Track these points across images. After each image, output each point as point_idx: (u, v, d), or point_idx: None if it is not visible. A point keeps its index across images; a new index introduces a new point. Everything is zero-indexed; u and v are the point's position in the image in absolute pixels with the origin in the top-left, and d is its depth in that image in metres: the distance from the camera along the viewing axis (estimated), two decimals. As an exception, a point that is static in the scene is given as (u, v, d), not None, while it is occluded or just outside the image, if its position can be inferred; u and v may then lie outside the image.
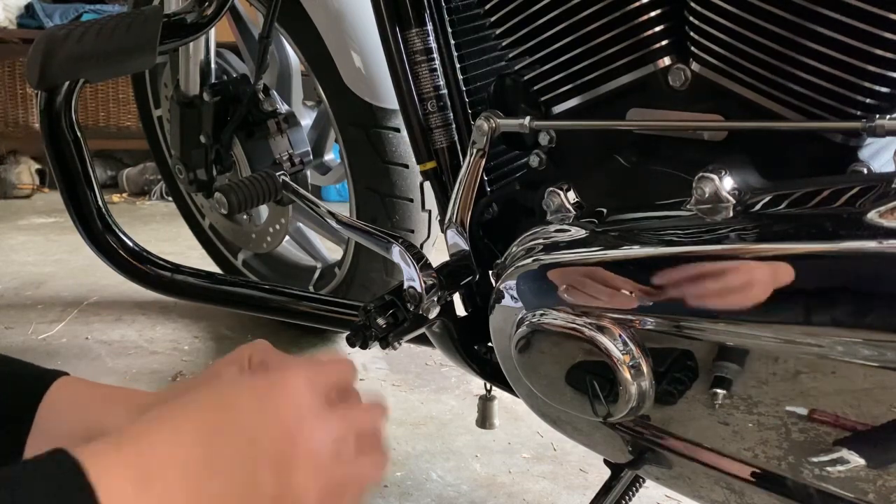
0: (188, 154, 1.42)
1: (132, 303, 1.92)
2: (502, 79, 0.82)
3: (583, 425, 0.76)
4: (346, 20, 1.32)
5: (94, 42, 0.92)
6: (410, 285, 0.83)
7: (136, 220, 2.77)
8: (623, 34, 0.69)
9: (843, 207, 0.57)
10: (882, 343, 0.52)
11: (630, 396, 0.66)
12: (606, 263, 0.66)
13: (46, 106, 0.93)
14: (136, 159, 3.31)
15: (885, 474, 0.56)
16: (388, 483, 1.23)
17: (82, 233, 0.99)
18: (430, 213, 1.41)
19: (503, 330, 0.75)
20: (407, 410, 1.45)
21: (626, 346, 0.65)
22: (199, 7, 1.01)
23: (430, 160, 0.89)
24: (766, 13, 0.60)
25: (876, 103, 0.60)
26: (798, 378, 0.58)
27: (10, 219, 2.79)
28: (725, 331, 0.60)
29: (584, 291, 0.67)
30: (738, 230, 0.61)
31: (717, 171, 0.62)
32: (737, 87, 0.66)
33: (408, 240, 0.89)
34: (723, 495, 0.68)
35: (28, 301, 1.94)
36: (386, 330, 0.82)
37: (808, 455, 0.59)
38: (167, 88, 1.57)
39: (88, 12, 3.18)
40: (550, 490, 1.22)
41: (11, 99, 3.25)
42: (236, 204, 1.08)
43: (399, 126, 1.33)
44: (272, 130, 1.38)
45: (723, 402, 0.62)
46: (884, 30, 0.56)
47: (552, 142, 0.80)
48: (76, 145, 0.95)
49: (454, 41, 0.87)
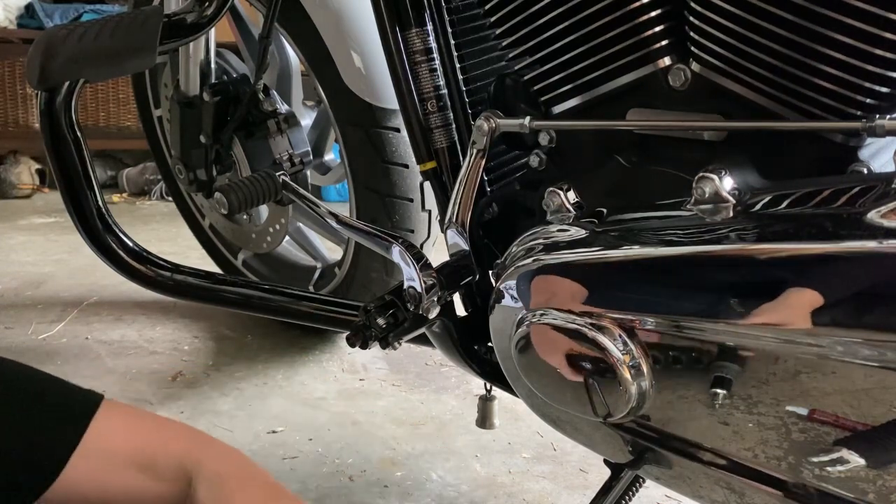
0: (188, 154, 1.42)
1: (132, 303, 1.92)
2: (502, 79, 0.82)
3: (583, 425, 0.76)
4: (346, 20, 1.32)
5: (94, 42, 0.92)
6: (410, 285, 0.83)
7: (136, 220, 2.78)
8: (623, 34, 0.69)
9: (843, 207, 0.57)
10: (882, 343, 0.52)
11: (630, 396, 0.66)
12: (606, 263, 0.66)
13: (46, 106, 0.93)
14: (136, 159, 3.31)
15: (885, 474, 0.56)
16: (388, 483, 1.23)
17: (82, 233, 0.99)
18: (430, 213, 1.41)
19: (503, 330, 0.75)
20: (407, 410, 1.45)
21: (626, 346, 0.65)
22: (199, 7, 1.01)
23: (430, 160, 0.89)
24: (767, 13, 0.60)
25: (876, 103, 0.60)
26: (798, 378, 0.58)
27: (10, 219, 2.79)
28: (725, 331, 0.60)
29: (584, 291, 0.67)
30: (738, 230, 0.61)
31: (717, 171, 0.62)
32: (737, 87, 0.66)
33: (408, 240, 0.89)
34: (723, 495, 0.68)
35: (28, 301, 1.94)
36: (386, 330, 0.82)
37: (809, 455, 0.59)
38: (167, 88, 1.57)
39: (88, 12, 3.18)
40: (550, 490, 1.22)
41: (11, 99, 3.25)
42: (236, 204, 1.08)
43: (399, 126, 1.33)
44: (272, 130, 1.38)
45: (723, 402, 0.62)
46: (884, 30, 0.56)
47: (552, 142, 0.80)
48: (76, 145, 0.95)
49: (454, 41, 0.87)
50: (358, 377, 1.58)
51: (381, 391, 1.53)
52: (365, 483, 1.23)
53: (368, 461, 1.29)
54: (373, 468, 1.27)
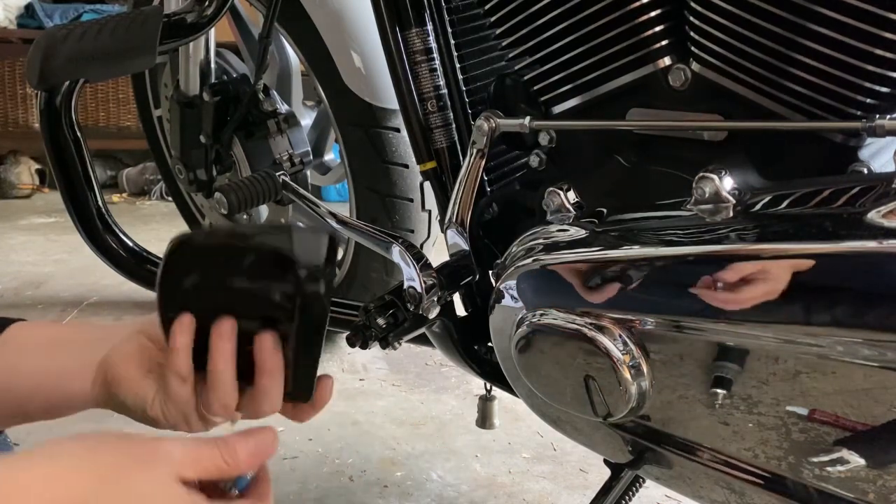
0: (188, 154, 1.42)
1: (132, 303, 1.92)
2: (502, 79, 0.82)
3: (583, 425, 0.76)
4: (346, 20, 1.32)
5: (94, 42, 0.92)
6: (410, 285, 0.83)
7: (136, 220, 2.77)
8: (623, 34, 0.69)
9: (843, 207, 0.57)
10: (882, 343, 0.52)
11: (630, 396, 0.66)
12: (606, 263, 0.66)
13: (46, 106, 0.93)
14: (136, 159, 3.31)
15: (885, 474, 0.56)
16: (388, 483, 1.23)
17: (82, 233, 0.99)
18: (430, 213, 1.41)
19: (503, 330, 0.75)
20: (407, 410, 1.45)
21: (626, 346, 0.65)
22: (199, 7, 1.01)
23: (430, 160, 0.89)
24: (767, 13, 0.60)
25: (876, 103, 0.60)
26: (798, 378, 0.58)
27: (10, 219, 2.79)
28: (725, 331, 0.60)
29: (584, 291, 0.67)
30: (738, 230, 0.61)
31: (717, 171, 0.62)
32: (737, 87, 0.66)
33: (408, 240, 0.89)
34: (723, 495, 0.68)
35: (28, 301, 1.94)
36: (386, 330, 0.82)
37: (809, 455, 0.59)
38: (167, 88, 1.57)
39: (88, 12, 3.18)
40: (550, 490, 1.22)
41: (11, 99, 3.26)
42: (236, 204, 1.08)
43: (399, 126, 1.33)
44: (272, 130, 1.38)
45: (723, 402, 0.62)
46: (884, 30, 0.56)
47: (552, 142, 0.80)
48: (76, 145, 0.95)
49: (454, 41, 0.87)
50: (358, 377, 1.58)
51: (381, 391, 1.53)
52: (365, 483, 1.23)
53: (368, 461, 1.29)
54: (373, 468, 1.27)
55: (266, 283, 0.56)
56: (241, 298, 0.57)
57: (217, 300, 0.57)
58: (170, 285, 0.57)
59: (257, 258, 0.56)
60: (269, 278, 0.56)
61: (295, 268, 0.55)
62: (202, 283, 0.57)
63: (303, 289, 0.56)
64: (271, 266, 0.56)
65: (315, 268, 0.56)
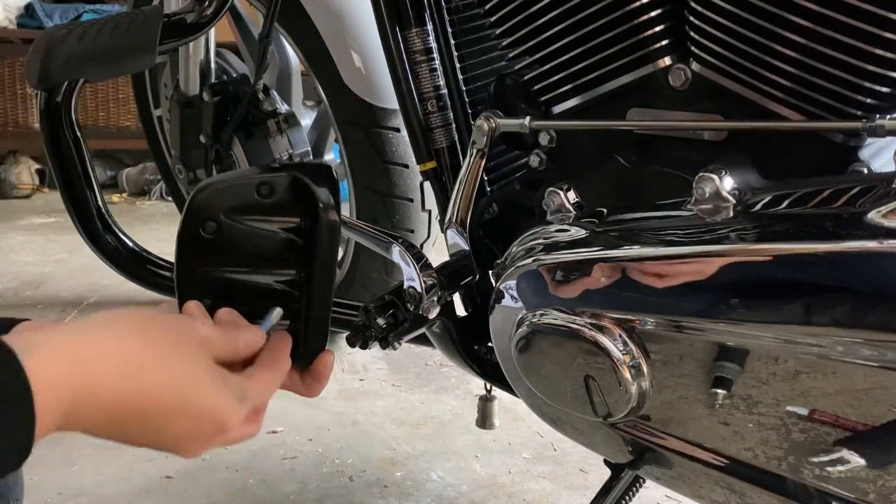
0: (188, 154, 1.43)
1: (132, 303, 1.92)
2: (502, 79, 0.82)
3: (583, 425, 0.76)
4: (346, 20, 1.32)
5: (94, 42, 0.91)
6: (410, 285, 0.83)
7: (136, 220, 2.78)
8: (623, 34, 0.69)
9: (843, 207, 0.57)
10: (882, 343, 0.52)
11: (630, 396, 0.66)
12: (606, 263, 0.66)
13: (46, 106, 0.93)
14: (136, 159, 3.31)
15: (885, 474, 0.56)
16: (388, 483, 1.23)
17: (82, 233, 0.99)
18: (430, 213, 1.41)
19: (503, 330, 0.75)
20: (407, 410, 1.45)
21: (626, 346, 0.65)
22: (199, 7, 1.01)
23: (430, 160, 0.89)
24: (767, 13, 0.60)
25: (876, 103, 0.60)
26: (798, 378, 0.58)
27: (10, 219, 2.79)
28: (725, 331, 0.60)
29: (584, 291, 0.67)
30: (738, 230, 0.61)
31: (717, 171, 0.61)
32: (737, 87, 0.66)
33: (408, 240, 0.89)
34: (723, 495, 0.68)
35: (28, 301, 1.94)
36: (386, 330, 0.82)
37: (809, 455, 0.59)
38: (167, 88, 1.57)
39: (88, 12, 3.18)
40: (550, 490, 1.22)
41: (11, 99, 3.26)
42: (236, 204, 1.08)
43: (399, 126, 1.33)
44: (272, 130, 1.38)
45: (723, 402, 0.62)
46: (884, 30, 0.56)
47: (552, 142, 0.80)
48: (76, 145, 0.95)
49: (454, 41, 0.87)
50: (358, 377, 1.58)
51: (381, 391, 1.53)
52: (365, 483, 1.23)
53: (368, 461, 1.29)
54: (373, 468, 1.27)
55: (287, 210, 0.63)
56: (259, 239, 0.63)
57: (237, 241, 0.63)
58: (190, 230, 0.63)
59: (273, 191, 0.63)
60: (289, 210, 0.63)
61: (314, 197, 0.61)
62: (222, 226, 0.63)
63: (321, 216, 0.61)
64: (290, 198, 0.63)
65: (329, 197, 0.62)
